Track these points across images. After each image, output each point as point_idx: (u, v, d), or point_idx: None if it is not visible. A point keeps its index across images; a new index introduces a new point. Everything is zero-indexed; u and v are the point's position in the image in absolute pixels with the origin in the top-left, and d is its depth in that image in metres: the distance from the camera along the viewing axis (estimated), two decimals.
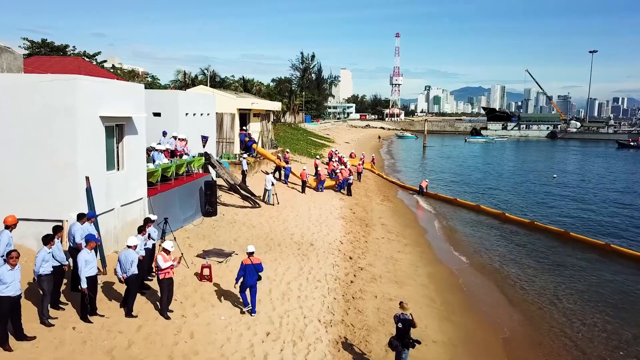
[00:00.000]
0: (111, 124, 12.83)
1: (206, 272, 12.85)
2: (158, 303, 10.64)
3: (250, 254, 11.10)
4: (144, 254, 10.88)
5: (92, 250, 9.25)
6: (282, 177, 29.85)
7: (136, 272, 9.80)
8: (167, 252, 10.27)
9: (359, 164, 36.61)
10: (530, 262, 19.35)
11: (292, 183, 29.28)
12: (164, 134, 19.84)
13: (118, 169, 13.39)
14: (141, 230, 11.12)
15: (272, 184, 23.44)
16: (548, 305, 15.02)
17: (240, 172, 25.74)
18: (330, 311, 12.26)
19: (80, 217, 10.49)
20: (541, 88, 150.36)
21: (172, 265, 10.16)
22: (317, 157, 40.75)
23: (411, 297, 14.38)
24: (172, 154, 19.13)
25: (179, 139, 19.49)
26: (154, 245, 12.03)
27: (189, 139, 20.23)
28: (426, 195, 33.62)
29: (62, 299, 9.96)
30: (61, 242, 10.14)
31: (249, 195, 22.65)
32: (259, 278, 11.14)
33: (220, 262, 14.18)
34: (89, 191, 11.61)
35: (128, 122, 13.59)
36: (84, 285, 9.01)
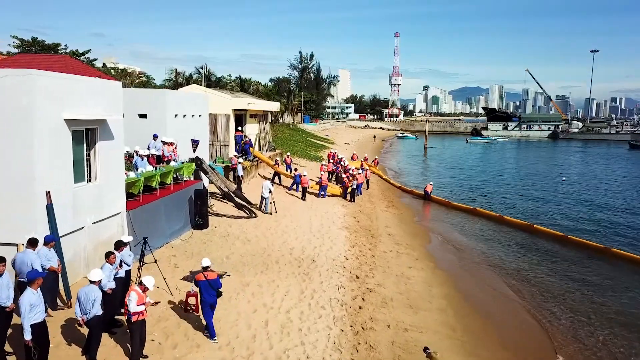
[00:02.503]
0: (80, 128, 10.95)
1: (192, 301, 10.96)
2: (129, 345, 8.75)
3: (205, 268, 9.89)
4: (113, 286, 8.95)
5: (39, 290, 7.27)
6: (280, 183, 28.01)
7: (99, 313, 7.87)
8: (145, 289, 8.35)
9: (366, 170, 34.52)
10: (561, 282, 17.18)
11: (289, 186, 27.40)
12: (155, 137, 18.00)
13: (89, 181, 11.51)
14: (109, 255, 9.13)
15: (270, 191, 21.58)
16: (583, 330, 13.18)
17: (235, 177, 23.92)
18: (337, 348, 10.40)
19: (33, 243, 8.57)
20: (542, 88, 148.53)
21: (144, 309, 8.25)
22: (322, 162, 38.55)
23: (429, 326, 12.57)
24: (158, 159, 17.27)
25: (166, 143, 17.63)
26: (128, 272, 10.13)
27: (178, 142, 18.38)
28: (433, 200, 31.58)
29: (7, 347, 8.05)
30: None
31: (245, 204, 20.76)
32: (219, 295, 9.98)
33: None
34: (50, 208, 9.74)
35: (101, 126, 11.71)
36: (27, 336, 7.01)
